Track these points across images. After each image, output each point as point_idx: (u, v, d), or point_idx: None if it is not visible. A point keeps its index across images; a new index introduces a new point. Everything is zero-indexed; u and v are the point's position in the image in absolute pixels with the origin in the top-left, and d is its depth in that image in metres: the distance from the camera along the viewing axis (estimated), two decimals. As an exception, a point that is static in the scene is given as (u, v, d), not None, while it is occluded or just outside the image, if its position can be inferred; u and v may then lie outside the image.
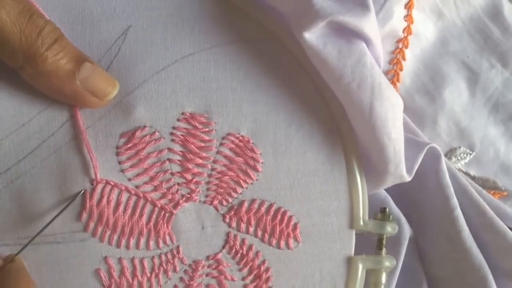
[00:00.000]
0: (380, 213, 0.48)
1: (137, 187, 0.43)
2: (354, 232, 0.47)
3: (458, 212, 0.51)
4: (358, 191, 0.47)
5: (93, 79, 0.40)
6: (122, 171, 0.43)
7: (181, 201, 0.44)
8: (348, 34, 0.44)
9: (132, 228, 0.43)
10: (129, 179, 0.43)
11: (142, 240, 0.43)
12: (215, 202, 0.45)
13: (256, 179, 0.45)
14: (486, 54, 0.58)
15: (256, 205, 0.45)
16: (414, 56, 0.56)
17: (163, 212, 0.43)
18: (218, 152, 0.45)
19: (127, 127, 0.43)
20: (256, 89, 0.45)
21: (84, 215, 0.42)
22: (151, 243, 0.43)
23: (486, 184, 0.58)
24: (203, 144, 0.44)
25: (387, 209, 0.48)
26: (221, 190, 0.45)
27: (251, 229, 0.45)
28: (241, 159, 0.45)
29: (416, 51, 0.56)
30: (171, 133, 0.44)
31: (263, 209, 0.45)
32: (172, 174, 0.44)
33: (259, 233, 0.45)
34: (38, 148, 0.42)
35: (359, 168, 0.47)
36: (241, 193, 0.45)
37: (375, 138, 0.44)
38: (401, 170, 0.46)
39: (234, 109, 0.45)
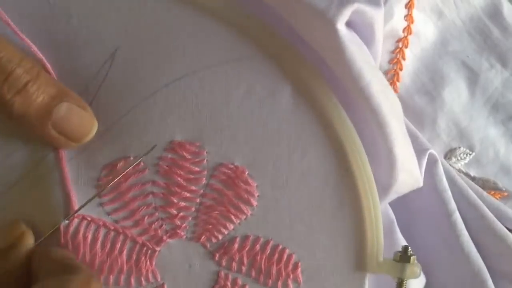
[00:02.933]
0: (399, 253, 0.42)
1: (116, 221, 0.40)
2: (366, 275, 0.42)
3: (457, 216, 0.50)
4: (372, 229, 0.42)
5: (67, 122, 0.37)
6: (101, 204, 0.40)
7: (164, 237, 0.40)
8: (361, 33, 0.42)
9: (111, 266, 0.40)
10: (108, 214, 0.40)
11: (123, 277, 0.40)
12: (203, 238, 0.41)
13: (251, 214, 0.41)
14: (486, 54, 0.57)
15: (249, 242, 0.41)
16: (414, 55, 0.55)
17: (145, 249, 0.40)
18: (208, 185, 0.41)
19: (110, 158, 0.40)
20: (254, 114, 0.41)
21: (59, 251, 0.39)
22: (132, 280, 0.40)
23: (486, 185, 0.57)
24: (191, 176, 0.40)
25: (409, 249, 0.42)
26: (210, 227, 0.41)
27: (244, 269, 0.41)
28: (233, 192, 0.41)
29: (416, 50, 0.55)
30: (156, 164, 0.40)
31: (257, 247, 0.41)
32: (155, 208, 0.40)
33: (253, 272, 0.41)
34: (20, 181, 0.39)
35: (374, 201, 0.42)
36: (232, 229, 0.41)
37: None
38: (418, 174, 0.45)
39: (228, 137, 0.41)
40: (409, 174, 0.44)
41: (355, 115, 0.42)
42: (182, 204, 0.41)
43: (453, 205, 0.50)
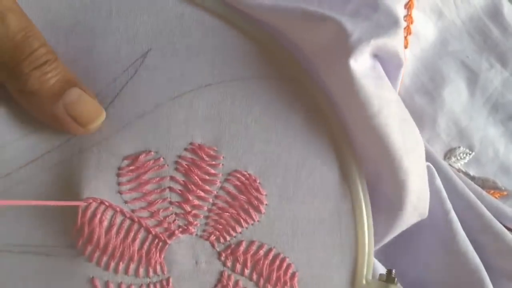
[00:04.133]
0: (385, 274, 0.45)
1: (133, 211, 0.42)
2: None
3: (452, 215, 0.50)
4: (365, 248, 0.45)
5: (77, 105, 0.39)
6: (120, 192, 0.42)
7: (177, 232, 0.43)
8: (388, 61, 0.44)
9: (122, 252, 0.42)
10: (126, 202, 0.42)
11: (132, 266, 0.42)
12: (212, 238, 0.43)
13: (258, 221, 0.43)
14: (486, 54, 0.58)
15: (254, 247, 0.43)
16: (414, 56, 0.56)
17: (156, 240, 0.42)
18: (221, 188, 0.43)
19: (132, 150, 0.42)
20: (270, 128, 0.44)
21: (75, 232, 0.41)
22: (141, 270, 0.42)
23: (486, 184, 0.58)
24: (207, 177, 0.43)
25: (393, 272, 0.45)
26: (220, 227, 0.43)
27: (247, 272, 0.43)
28: (244, 197, 0.43)
29: (416, 51, 0.56)
30: (176, 162, 0.43)
31: (261, 252, 0.43)
32: (171, 203, 0.43)
33: (255, 276, 0.43)
34: (41, 158, 0.41)
35: (369, 223, 0.45)
36: (240, 233, 0.43)
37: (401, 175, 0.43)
38: (426, 207, 0.46)
39: (245, 146, 0.43)
40: (422, 204, 0.46)
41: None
42: (196, 202, 0.43)
43: (448, 204, 0.50)
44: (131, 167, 0.42)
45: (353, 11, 0.44)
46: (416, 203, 0.45)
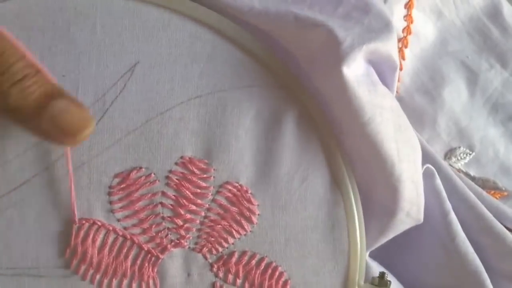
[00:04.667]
0: (378, 278, 0.46)
1: (125, 228, 0.42)
2: None
3: (452, 216, 0.50)
4: (357, 254, 0.45)
5: (64, 117, 0.37)
6: (112, 211, 0.42)
7: (169, 246, 0.43)
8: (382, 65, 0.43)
9: (115, 269, 0.42)
10: (118, 220, 0.42)
11: (125, 282, 0.42)
12: (205, 250, 0.43)
13: (250, 231, 0.44)
14: (486, 55, 0.58)
15: (246, 257, 0.44)
16: (413, 55, 0.56)
17: (149, 256, 0.42)
18: (213, 200, 0.43)
19: (123, 167, 0.42)
20: (261, 138, 0.43)
21: (68, 252, 0.41)
22: (134, 285, 0.42)
23: (486, 184, 0.58)
24: (198, 191, 0.43)
25: (386, 275, 0.46)
26: (212, 239, 0.43)
27: (239, 281, 0.44)
28: (236, 209, 0.43)
29: (416, 50, 0.56)
30: (167, 177, 0.42)
31: (253, 262, 0.44)
32: (163, 218, 0.42)
33: (247, 286, 0.44)
34: (30, 181, 0.41)
35: (361, 229, 0.45)
36: (232, 244, 0.44)
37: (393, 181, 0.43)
38: (420, 213, 0.46)
39: (236, 157, 0.43)
40: (415, 210, 0.46)
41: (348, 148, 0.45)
42: (188, 216, 0.43)
43: (448, 205, 0.50)
44: (122, 185, 0.42)
45: (344, 14, 0.43)
46: (409, 210, 0.45)
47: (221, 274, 0.44)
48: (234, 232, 0.43)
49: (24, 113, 0.37)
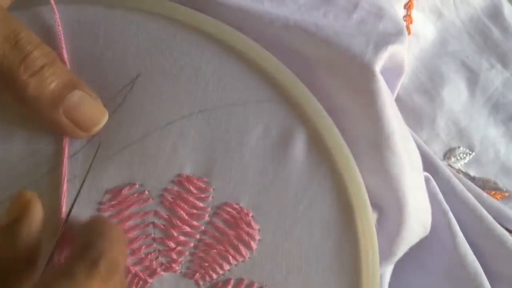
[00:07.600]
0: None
1: (112, 248, 0.38)
2: None
3: (450, 217, 0.49)
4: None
5: (79, 109, 0.37)
6: (100, 229, 0.38)
7: (159, 270, 0.39)
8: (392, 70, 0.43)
9: (100, 291, 0.38)
10: (105, 239, 0.38)
11: (110, 305, 0.39)
12: (197, 276, 0.40)
13: (249, 257, 0.40)
14: (486, 55, 0.58)
15: (243, 286, 0.40)
16: (412, 56, 0.56)
17: (136, 279, 0.39)
18: (210, 222, 0.40)
19: (116, 182, 0.39)
20: (267, 158, 0.40)
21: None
22: (119, 309, 0.39)
23: (487, 185, 0.57)
24: (194, 211, 0.40)
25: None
26: (206, 264, 0.40)
27: (234, 312, 0.40)
28: (234, 232, 0.40)
29: (415, 50, 0.56)
30: (161, 195, 0.39)
31: (250, 291, 0.40)
32: (154, 239, 0.39)
33: (243, 317, 0.40)
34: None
35: (374, 261, 0.41)
36: (228, 270, 0.40)
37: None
38: (428, 220, 0.45)
39: (238, 177, 0.40)
40: (420, 225, 0.44)
41: (362, 165, 0.42)
42: (182, 238, 0.40)
43: (445, 206, 0.50)
44: (112, 202, 0.39)
45: (359, 20, 0.42)
46: (417, 216, 0.44)
47: (215, 303, 0.40)
48: (231, 258, 0.40)
49: (40, 104, 0.36)
